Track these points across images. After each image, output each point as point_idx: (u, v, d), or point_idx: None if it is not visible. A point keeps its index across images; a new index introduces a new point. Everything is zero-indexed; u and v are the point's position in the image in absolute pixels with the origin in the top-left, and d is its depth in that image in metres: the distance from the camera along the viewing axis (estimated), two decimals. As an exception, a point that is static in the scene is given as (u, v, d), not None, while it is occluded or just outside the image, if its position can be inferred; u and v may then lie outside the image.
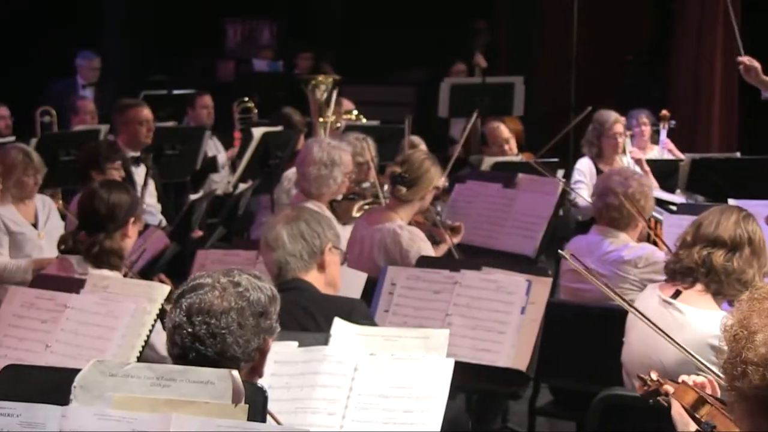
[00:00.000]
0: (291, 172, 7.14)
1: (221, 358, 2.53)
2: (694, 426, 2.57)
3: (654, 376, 2.77)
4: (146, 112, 7.48)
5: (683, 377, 2.72)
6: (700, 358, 3.12)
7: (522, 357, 4.18)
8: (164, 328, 2.74)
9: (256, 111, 10.34)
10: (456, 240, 5.53)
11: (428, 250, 5.20)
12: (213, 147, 8.96)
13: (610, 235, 5.05)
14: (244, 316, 2.55)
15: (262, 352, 2.61)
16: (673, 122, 8.76)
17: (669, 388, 2.72)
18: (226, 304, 2.55)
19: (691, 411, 2.58)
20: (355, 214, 6.23)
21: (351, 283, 4.28)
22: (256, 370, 2.63)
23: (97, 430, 2.34)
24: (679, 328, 3.57)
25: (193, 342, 2.53)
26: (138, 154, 7.45)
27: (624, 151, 7.86)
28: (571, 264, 3.32)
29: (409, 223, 5.32)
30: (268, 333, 2.61)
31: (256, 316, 2.57)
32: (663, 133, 8.62)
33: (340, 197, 6.16)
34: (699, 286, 3.72)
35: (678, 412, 2.65)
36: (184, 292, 2.58)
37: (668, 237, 5.33)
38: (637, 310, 3.26)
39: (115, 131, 7.58)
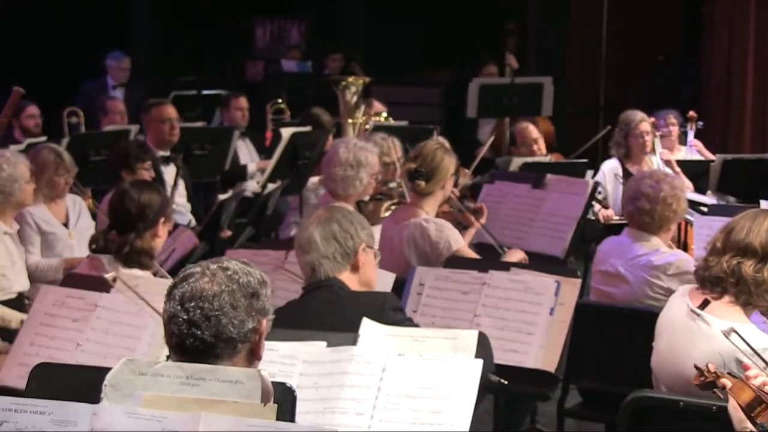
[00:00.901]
0: (315, 179, 7.18)
1: (218, 340, 2.56)
2: (749, 424, 2.55)
3: (711, 367, 2.75)
4: (169, 110, 7.51)
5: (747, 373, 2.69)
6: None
7: (551, 358, 4.17)
8: None
9: (288, 112, 10.37)
10: (482, 221, 5.51)
11: (457, 237, 5.18)
12: (245, 150, 8.99)
13: (642, 239, 5.02)
14: (235, 297, 2.58)
15: (259, 334, 2.63)
16: (700, 123, 8.72)
17: (726, 382, 2.70)
18: (217, 287, 2.58)
19: (747, 410, 2.56)
20: (383, 214, 6.23)
21: (379, 284, 4.27)
22: (255, 352, 2.64)
23: (127, 428, 2.35)
24: (706, 340, 3.53)
25: (190, 328, 2.55)
26: (167, 153, 7.49)
27: (653, 151, 7.82)
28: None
29: (436, 215, 5.31)
30: (262, 314, 2.63)
31: (248, 297, 2.60)
32: (690, 134, 8.58)
33: (367, 198, 6.16)
34: (728, 297, 3.64)
35: (734, 407, 2.63)
36: (175, 284, 2.62)
37: (699, 238, 5.32)
38: None
39: (144, 131, 7.63)
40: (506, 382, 3.67)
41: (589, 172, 7.28)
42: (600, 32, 11.34)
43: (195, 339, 2.55)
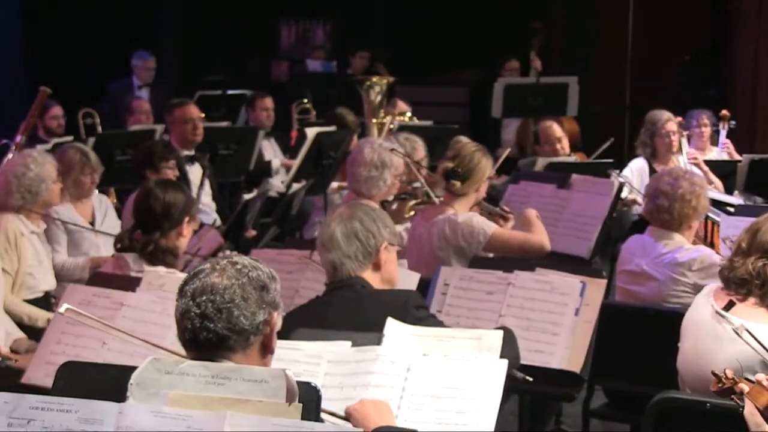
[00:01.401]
0: (335, 184, 7.21)
1: (231, 332, 2.58)
2: (767, 427, 2.53)
3: (729, 373, 2.73)
4: (191, 110, 7.53)
5: (759, 376, 2.68)
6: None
7: (576, 358, 4.16)
8: None
9: (314, 112, 10.38)
10: (509, 226, 5.51)
11: (488, 222, 5.18)
12: (270, 149, 9.00)
13: (665, 237, 5.00)
14: (246, 290, 2.61)
15: (271, 326, 2.65)
16: (733, 123, 8.67)
17: (744, 387, 2.69)
18: (227, 281, 2.61)
19: (765, 413, 2.55)
20: (407, 214, 6.23)
21: (404, 283, 4.26)
22: (267, 346, 2.66)
23: (152, 427, 2.36)
24: (731, 342, 3.51)
25: (202, 321, 2.58)
26: (192, 153, 7.51)
27: (680, 151, 7.79)
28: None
29: None
30: (272, 306, 2.66)
31: (258, 290, 2.63)
32: (722, 134, 8.54)
33: (391, 197, 6.16)
34: (753, 299, 3.62)
35: (751, 412, 2.61)
36: (186, 281, 2.65)
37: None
38: None
39: (168, 130, 7.65)
40: (531, 379, 3.66)
41: (615, 172, 7.25)
42: (626, 31, 11.29)
43: (208, 332, 2.57)
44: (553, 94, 9.24)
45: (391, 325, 3.22)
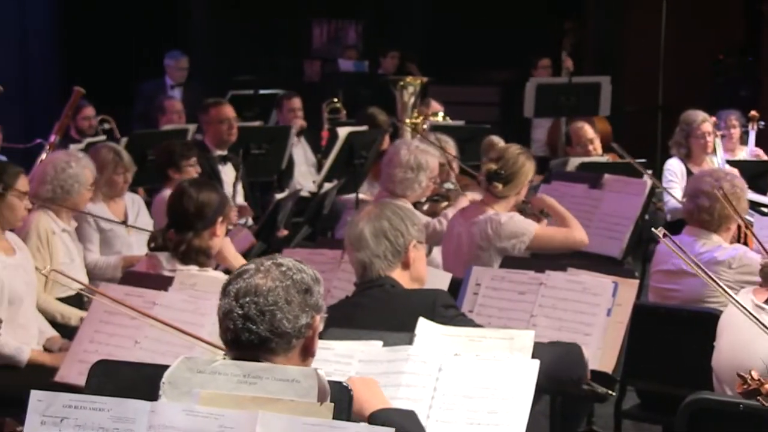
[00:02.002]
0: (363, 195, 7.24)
1: (273, 335, 2.57)
2: None
3: (755, 375, 2.72)
4: (227, 111, 7.55)
5: None
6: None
7: (608, 359, 4.14)
8: None
9: (344, 111, 10.39)
10: (544, 225, 5.51)
11: (529, 221, 5.18)
12: (300, 149, 9.02)
13: (703, 236, 4.97)
14: (290, 292, 2.60)
15: (313, 329, 2.65)
16: (762, 123, 8.60)
17: None
18: (271, 283, 2.60)
19: None
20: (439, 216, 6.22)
21: (435, 283, 4.26)
22: (309, 348, 2.66)
23: (184, 425, 2.37)
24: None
25: (245, 322, 2.57)
26: (225, 153, 7.54)
27: (714, 152, 7.73)
28: (666, 244, 3.26)
29: None
30: (315, 309, 2.65)
31: (301, 293, 2.62)
32: (752, 134, 8.48)
33: (424, 199, 6.16)
34: None
35: None
36: (230, 280, 2.64)
37: (760, 240, 5.24)
38: (731, 296, 3.19)
39: (202, 131, 7.68)
40: (613, 394, 3.64)
41: (648, 172, 7.22)
42: (659, 31, 11.22)
43: (250, 333, 2.56)
44: (585, 94, 9.20)
45: (423, 324, 3.22)
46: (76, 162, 5.55)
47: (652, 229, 3.51)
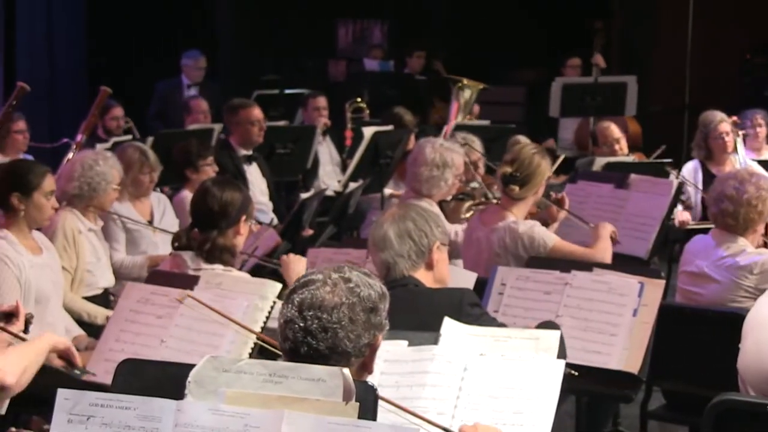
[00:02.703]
0: (388, 191, 7.24)
1: (332, 352, 2.54)
2: None
3: None
4: (257, 112, 7.57)
5: None
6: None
7: (634, 360, 4.13)
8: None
9: (368, 111, 10.39)
10: (566, 207, 5.49)
11: (549, 233, 5.15)
12: (325, 148, 9.02)
13: (727, 240, 4.94)
14: (355, 311, 2.56)
15: (373, 348, 2.62)
16: (789, 122, 8.55)
17: None
18: (337, 299, 2.56)
19: None
20: (464, 215, 6.22)
21: (461, 283, 4.26)
22: (366, 366, 2.64)
23: (210, 424, 2.37)
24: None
25: (305, 336, 2.54)
26: (250, 152, 7.56)
27: (735, 150, 7.69)
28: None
29: (525, 218, 5.28)
30: (378, 329, 2.62)
31: (366, 312, 2.58)
32: None
33: (449, 198, 6.15)
34: None
35: None
36: (296, 288, 2.60)
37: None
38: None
39: (228, 131, 7.69)
40: (576, 374, 3.60)
41: (673, 173, 7.19)
42: (685, 30, 11.17)
43: (309, 348, 2.54)
44: (611, 93, 9.17)
45: (448, 324, 3.22)
46: (104, 161, 5.58)
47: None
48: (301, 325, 2.55)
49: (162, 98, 10.03)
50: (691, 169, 7.62)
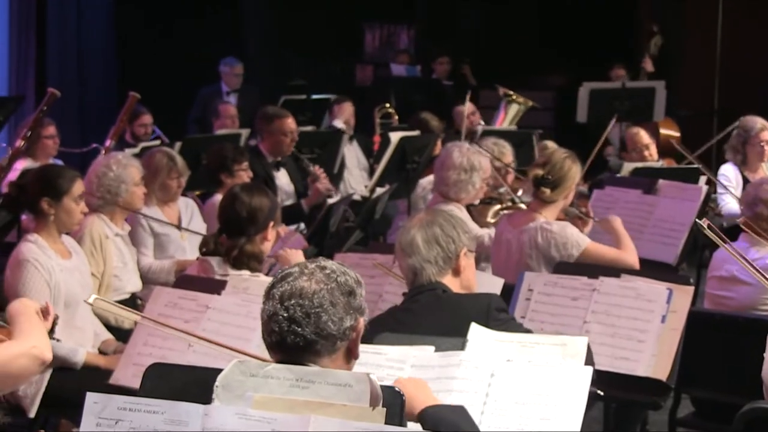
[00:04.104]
0: (427, 180, 7.18)
1: (318, 337, 2.58)
2: None
3: None
4: (291, 124, 7.60)
5: None
6: None
7: (662, 366, 4.11)
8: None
9: (396, 117, 10.40)
10: (587, 229, 5.48)
11: (582, 235, 5.13)
12: (353, 153, 9.03)
13: (758, 243, 4.92)
14: (334, 295, 2.61)
15: (357, 332, 2.66)
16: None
17: None
18: (316, 285, 2.61)
19: None
20: (490, 219, 6.21)
21: (488, 289, 4.25)
22: (352, 351, 2.67)
23: (237, 429, 2.38)
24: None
25: (290, 325, 2.58)
26: (279, 158, 7.58)
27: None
28: (709, 234, 3.23)
29: None
30: (359, 312, 2.66)
31: (345, 295, 2.64)
32: None
33: (477, 202, 6.14)
34: None
35: None
36: (274, 283, 2.65)
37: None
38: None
39: (260, 137, 7.71)
40: (602, 393, 3.59)
41: (703, 178, 7.15)
42: (715, 35, 11.13)
43: (296, 336, 2.57)
44: (639, 98, 9.14)
45: (475, 330, 3.21)
46: (117, 164, 5.58)
47: (696, 219, 3.47)
48: (285, 315, 2.58)
49: (202, 104, 10.08)
50: (731, 170, 7.52)
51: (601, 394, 3.56)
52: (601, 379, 3.24)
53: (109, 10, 11.43)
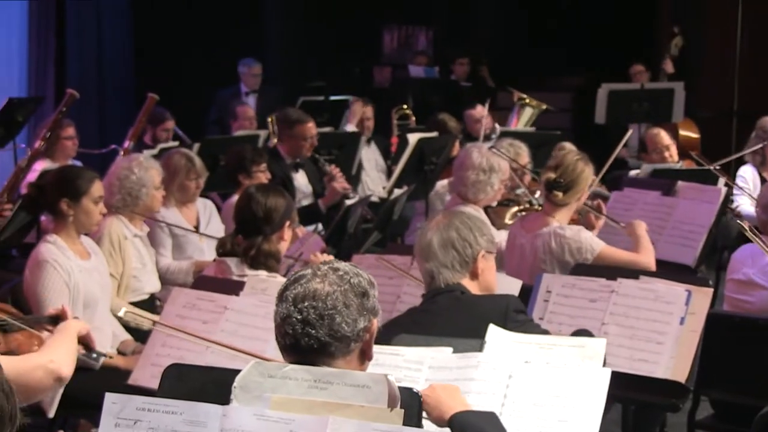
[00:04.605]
0: (441, 184, 7.19)
1: (332, 339, 2.57)
2: None
3: None
4: (312, 129, 7.62)
5: None
6: None
7: (681, 368, 4.09)
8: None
9: (413, 118, 10.40)
10: (599, 225, 5.46)
11: (596, 239, 5.12)
12: (370, 155, 9.04)
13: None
14: (347, 296, 2.61)
15: (370, 333, 2.65)
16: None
17: None
18: (329, 287, 2.60)
19: None
20: (508, 220, 6.20)
21: (506, 290, 4.24)
22: (366, 353, 2.66)
23: (255, 430, 2.38)
24: None
25: (304, 327, 2.57)
26: (298, 160, 7.59)
27: None
28: (751, 236, 3.22)
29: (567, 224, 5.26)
30: (373, 313, 2.66)
31: (359, 296, 2.63)
32: None
33: (495, 203, 6.14)
34: None
35: None
36: (287, 285, 2.64)
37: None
38: None
39: (280, 139, 7.72)
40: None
41: (722, 180, 7.12)
42: (734, 36, 11.07)
43: (310, 338, 2.57)
44: (658, 100, 9.11)
45: (493, 331, 3.21)
46: (138, 166, 5.60)
47: (738, 221, 3.45)
48: (298, 317, 2.58)
49: (221, 105, 10.11)
50: (749, 172, 7.50)
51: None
52: (619, 381, 3.23)
53: (128, 11, 11.46)
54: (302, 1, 12.84)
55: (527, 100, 9.40)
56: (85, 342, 3.36)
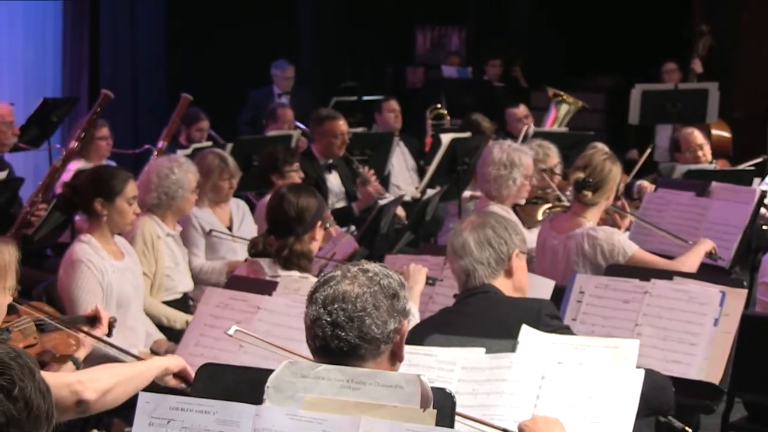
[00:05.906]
0: (468, 193, 7.21)
1: (362, 341, 2.56)
2: None
3: None
4: (342, 126, 7.63)
5: None
6: None
7: (715, 370, 4.07)
8: None
9: (448, 118, 10.39)
10: (625, 224, 5.43)
11: (629, 241, 5.10)
12: (399, 154, 9.03)
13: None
14: (377, 298, 2.59)
15: (401, 334, 2.64)
16: None
17: None
18: (359, 289, 2.59)
19: None
20: (539, 218, 6.18)
21: (539, 291, 4.24)
22: (397, 354, 2.65)
23: (288, 429, 2.39)
24: None
25: (334, 329, 2.56)
26: (331, 161, 7.60)
27: None
28: None
29: (597, 224, 5.24)
30: (403, 315, 2.64)
31: (389, 298, 2.61)
32: None
33: (522, 201, 6.11)
34: None
35: None
36: (317, 287, 2.63)
37: None
38: None
39: (312, 139, 7.74)
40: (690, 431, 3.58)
41: (756, 180, 7.07)
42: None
43: (339, 340, 2.57)
44: (692, 100, 9.05)
45: (526, 332, 3.20)
46: (179, 167, 5.63)
47: (761, 222, 3.41)
48: (328, 319, 2.57)
49: (254, 106, 10.14)
50: None
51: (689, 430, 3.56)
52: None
53: (162, 11, 11.52)
54: (335, 1, 12.86)
55: (564, 97, 9.37)
56: (182, 376, 3.31)
